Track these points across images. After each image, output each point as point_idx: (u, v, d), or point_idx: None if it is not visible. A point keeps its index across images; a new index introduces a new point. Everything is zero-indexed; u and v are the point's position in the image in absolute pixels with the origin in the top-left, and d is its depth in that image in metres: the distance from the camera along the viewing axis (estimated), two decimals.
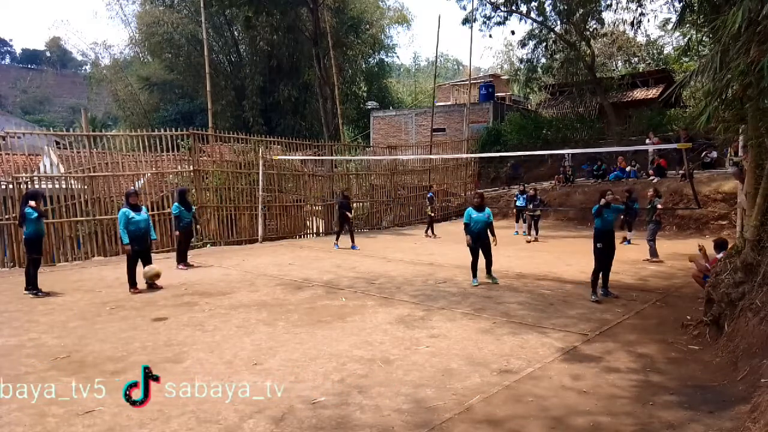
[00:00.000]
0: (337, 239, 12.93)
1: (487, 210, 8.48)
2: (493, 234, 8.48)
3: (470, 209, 8.43)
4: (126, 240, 7.85)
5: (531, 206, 14.26)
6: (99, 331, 5.92)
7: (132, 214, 7.92)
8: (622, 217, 12.91)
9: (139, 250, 8.02)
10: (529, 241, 13.67)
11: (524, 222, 15.11)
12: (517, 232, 15.33)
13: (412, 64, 63.47)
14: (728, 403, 4.01)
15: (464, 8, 24.11)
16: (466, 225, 8.35)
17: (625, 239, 12.96)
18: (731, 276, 5.37)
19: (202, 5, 18.89)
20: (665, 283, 8.56)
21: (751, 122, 5.60)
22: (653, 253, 10.59)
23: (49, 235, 10.58)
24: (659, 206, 11.23)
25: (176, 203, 10.11)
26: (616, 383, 4.46)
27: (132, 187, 11.26)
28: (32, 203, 7.69)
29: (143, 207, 8.40)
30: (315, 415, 3.85)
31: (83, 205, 11.54)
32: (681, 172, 15.93)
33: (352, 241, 12.80)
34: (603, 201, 7.42)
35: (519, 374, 4.63)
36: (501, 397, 4.18)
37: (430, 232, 15.33)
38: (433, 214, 15.90)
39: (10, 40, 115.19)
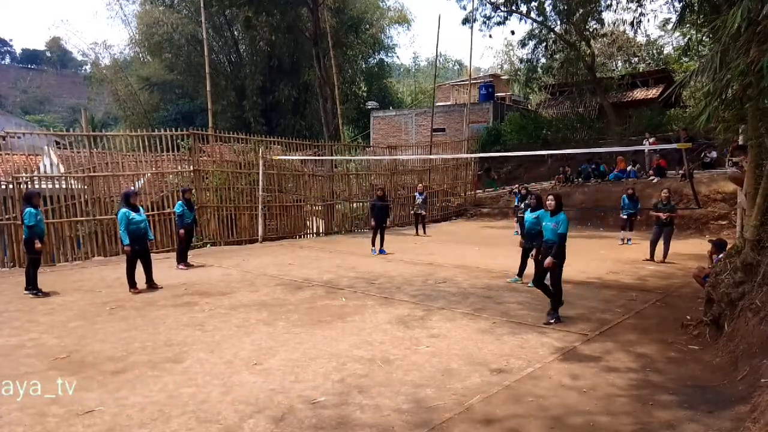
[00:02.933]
0: (373, 244, 12.12)
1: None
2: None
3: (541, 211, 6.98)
4: (127, 241, 7.84)
5: (521, 206, 13.24)
6: (99, 331, 5.93)
7: (132, 214, 7.92)
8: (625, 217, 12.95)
9: (140, 250, 8.03)
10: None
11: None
12: (517, 232, 15.31)
13: (412, 64, 63.62)
14: (728, 403, 4.01)
15: (464, 8, 24.26)
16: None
17: (625, 240, 13.01)
18: (731, 276, 5.37)
19: (202, 5, 18.85)
20: (664, 283, 8.56)
21: (751, 122, 5.60)
22: (666, 254, 10.44)
23: (49, 235, 10.57)
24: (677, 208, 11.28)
25: (180, 201, 10.16)
26: (616, 383, 4.47)
27: (131, 188, 11.28)
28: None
29: (140, 207, 8.41)
30: (315, 415, 3.85)
31: (83, 205, 11.54)
32: (681, 172, 15.95)
33: (381, 244, 12.04)
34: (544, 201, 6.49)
35: (519, 374, 4.63)
36: (501, 396, 4.18)
37: (420, 230, 15.52)
38: (423, 213, 15.87)
39: (10, 40, 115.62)
